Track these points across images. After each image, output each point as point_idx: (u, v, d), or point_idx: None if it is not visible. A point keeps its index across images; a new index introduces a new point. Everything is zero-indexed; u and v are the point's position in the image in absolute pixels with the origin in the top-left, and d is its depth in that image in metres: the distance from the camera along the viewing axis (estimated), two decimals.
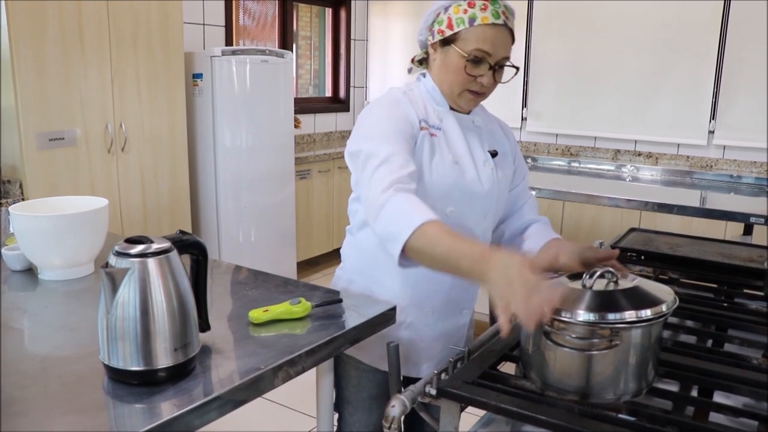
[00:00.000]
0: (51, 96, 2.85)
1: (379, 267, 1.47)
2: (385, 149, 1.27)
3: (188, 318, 1.02)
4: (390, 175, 1.23)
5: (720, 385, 1.07)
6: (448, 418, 1.04)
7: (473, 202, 1.42)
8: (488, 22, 1.32)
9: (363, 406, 1.54)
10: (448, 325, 1.52)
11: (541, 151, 5.01)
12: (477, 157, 1.44)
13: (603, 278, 1.04)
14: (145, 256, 0.98)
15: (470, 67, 1.35)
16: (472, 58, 1.34)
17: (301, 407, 2.81)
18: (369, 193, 1.26)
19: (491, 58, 1.35)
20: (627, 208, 3.43)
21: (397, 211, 1.19)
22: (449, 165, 1.38)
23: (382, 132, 1.32)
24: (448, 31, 1.36)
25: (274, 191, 4.06)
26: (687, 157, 4.49)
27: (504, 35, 1.35)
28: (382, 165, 1.25)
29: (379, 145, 1.29)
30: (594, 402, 0.99)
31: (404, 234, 1.15)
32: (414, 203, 1.20)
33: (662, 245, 1.90)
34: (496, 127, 1.55)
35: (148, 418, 0.92)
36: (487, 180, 1.43)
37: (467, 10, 1.34)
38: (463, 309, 1.53)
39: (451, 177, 1.38)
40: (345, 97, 5.64)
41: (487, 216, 1.47)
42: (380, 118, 1.35)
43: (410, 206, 1.19)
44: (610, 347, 0.96)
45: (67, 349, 1.17)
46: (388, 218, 1.20)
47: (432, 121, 1.41)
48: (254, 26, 4.87)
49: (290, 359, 1.12)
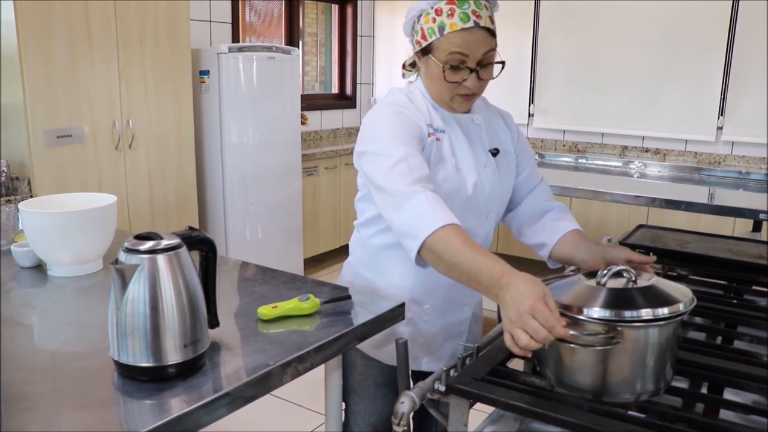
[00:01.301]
0: (59, 93, 2.86)
1: (382, 263, 1.49)
2: (401, 149, 1.27)
3: (198, 314, 1.03)
4: (411, 173, 1.23)
5: (730, 382, 1.06)
6: (457, 415, 1.04)
7: (475, 205, 1.43)
8: (457, 29, 1.29)
9: (368, 394, 1.56)
10: (449, 321, 1.53)
11: (548, 148, 5.00)
12: (479, 160, 1.43)
13: (621, 277, 1.04)
14: (154, 253, 0.98)
15: (450, 74, 1.33)
16: (449, 67, 1.33)
17: (308, 404, 2.81)
18: (390, 186, 1.24)
19: (469, 60, 1.32)
20: (634, 204, 3.41)
21: (422, 208, 1.18)
22: (452, 169, 1.38)
23: (393, 135, 1.30)
24: (423, 41, 1.35)
25: (281, 188, 4.07)
26: (695, 154, 4.47)
27: (477, 35, 1.31)
28: (400, 162, 1.25)
29: (394, 144, 1.28)
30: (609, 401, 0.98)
31: (425, 232, 1.15)
32: (438, 204, 1.19)
33: (671, 242, 1.89)
34: (496, 119, 1.54)
35: (158, 415, 0.92)
36: (488, 182, 1.43)
37: (435, 19, 1.31)
38: (464, 305, 1.54)
39: (453, 182, 1.38)
40: (351, 94, 5.63)
41: (489, 216, 1.48)
42: (391, 123, 1.34)
43: (434, 206, 1.18)
44: (611, 344, 0.95)
45: (76, 346, 1.18)
46: (411, 213, 1.19)
47: (436, 125, 1.40)
48: (261, 23, 4.87)
49: (299, 356, 1.12)
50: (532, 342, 0.95)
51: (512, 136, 1.54)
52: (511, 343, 0.98)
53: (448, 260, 1.13)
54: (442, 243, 1.14)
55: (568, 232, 1.47)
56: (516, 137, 1.55)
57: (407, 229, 1.19)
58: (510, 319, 0.98)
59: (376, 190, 1.31)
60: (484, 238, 1.49)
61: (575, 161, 4.74)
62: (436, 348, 1.53)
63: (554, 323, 0.94)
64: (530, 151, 1.59)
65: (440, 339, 1.53)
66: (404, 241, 1.20)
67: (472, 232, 1.41)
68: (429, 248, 1.15)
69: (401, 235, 1.21)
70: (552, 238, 1.48)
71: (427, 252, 1.16)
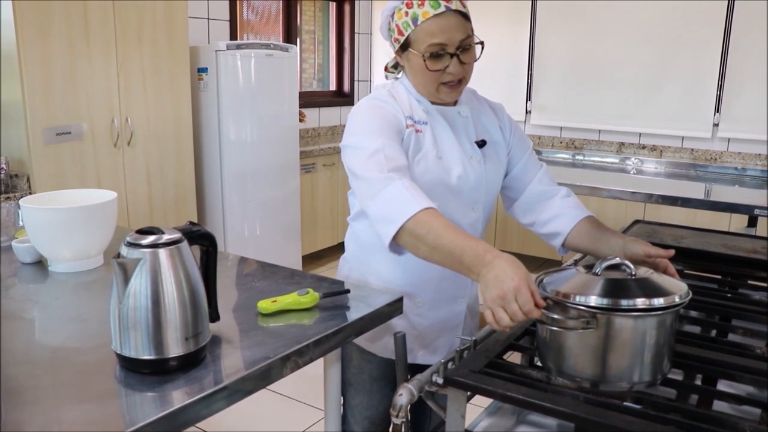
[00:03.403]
0: (57, 91, 2.87)
1: (373, 256, 1.50)
2: (378, 140, 1.30)
3: (199, 308, 1.04)
4: (387, 163, 1.26)
5: (724, 373, 1.08)
6: (455, 407, 1.05)
7: (459, 196, 1.44)
8: (430, 16, 1.32)
9: (364, 388, 1.57)
10: (442, 314, 1.54)
11: (546, 144, 5.01)
12: (464, 151, 1.44)
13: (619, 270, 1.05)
14: (156, 247, 0.99)
15: (431, 63, 1.35)
16: (429, 55, 1.34)
17: (308, 400, 2.83)
18: (367, 174, 1.27)
19: (448, 46, 1.33)
20: (631, 200, 3.44)
21: (400, 194, 1.21)
22: (432, 160, 1.39)
23: (371, 127, 1.34)
24: (400, 37, 1.38)
25: (279, 185, 4.08)
26: (691, 150, 4.49)
27: (452, 20, 1.32)
28: (377, 153, 1.28)
29: (371, 136, 1.31)
30: (604, 390, 1.00)
31: (404, 216, 1.17)
32: (415, 190, 1.22)
33: (666, 237, 1.91)
34: (486, 111, 1.54)
35: (160, 406, 0.93)
36: (473, 173, 1.44)
37: (408, 12, 1.34)
38: (458, 298, 1.55)
39: (435, 172, 1.39)
40: (349, 91, 5.64)
41: (475, 207, 1.48)
42: (369, 116, 1.37)
43: (412, 192, 1.21)
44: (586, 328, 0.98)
45: (77, 340, 1.19)
46: (387, 199, 1.22)
47: (418, 117, 1.41)
48: (258, 21, 4.87)
49: (298, 349, 1.13)
50: (510, 322, 1.01)
51: (502, 126, 1.54)
52: (491, 320, 1.03)
53: (431, 242, 1.15)
54: (423, 226, 1.16)
55: (582, 220, 1.46)
56: (508, 128, 1.55)
57: (385, 214, 1.21)
58: (491, 298, 1.02)
59: (354, 179, 1.33)
60: (471, 230, 1.49)
61: (572, 158, 4.76)
62: (430, 341, 1.54)
63: (532, 307, 0.99)
64: (526, 140, 1.58)
65: (434, 332, 1.54)
66: (380, 227, 1.22)
67: (457, 223, 1.41)
68: (410, 232, 1.17)
69: (378, 221, 1.23)
70: (566, 227, 1.47)
71: (407, 236, 1.18)
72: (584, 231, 1.45)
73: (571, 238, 1.47)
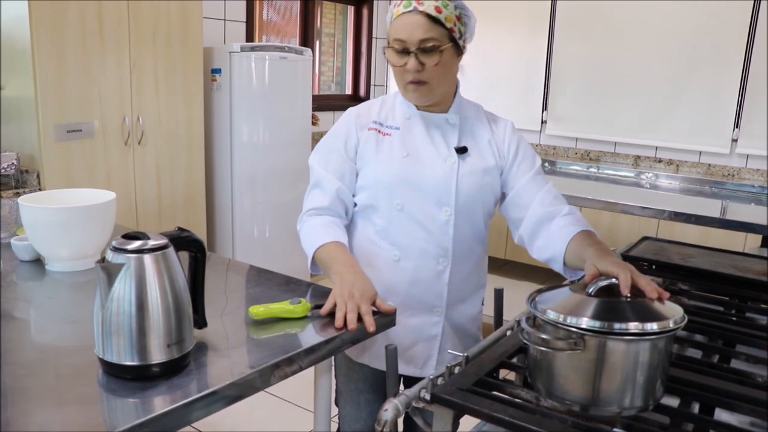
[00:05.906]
0: (70, 88, 2.88)
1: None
2: (318, 172, 1.52)
3: (183, 315, 1.03)
4: (313, 202, 1.52)
5: (721, 402, 1.04)
6: (441, 425, 1.03)
7: (424, 195, 1.46)
8: (399, 13, 1.39)
9: (352, 398, 1.58)
10: (416, 322, 1.52)
11: (560, 155, 4.97)
12: (439, 153, 1.47)
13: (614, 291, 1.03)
14: (141, 252, 0.98)
15: (394, 58, 1.41)
16: (392, 49, 1.41)
17: (306, 404, 2.81)
18: (307, 201, 1.55)
19: (408, 44, 1.38)
20: (643, 216, 3.38)
21: (309, 232, 1.49)
22: (397, 159, 1.47)
23: (323, 154, 1.54)
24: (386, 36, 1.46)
25: (290, 188, 4.07)
26: (708, 166, 4.42)
27: (414, 19, 1.37)
28: (313, 188, 1.54)
29: (318, 167, 1.53)
30: (594, 414, 0.97)
31: (311, 250, 1.46)
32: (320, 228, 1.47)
33: (674, 255, 1.87)
34: (483, 127, 1.53)
35: (141, 413, 0.93)
36: (442, 174, 1.46)
37: (392, 12, 1.43)
38: (434, 307, 1.53)
39: (398, 170, 1.46)
40: (365, 95, 5.63)
41: (443, 209, 1.46)
42: (328, 139, 1.55)
43: (317, 230, 1.47)
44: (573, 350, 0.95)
45: (66, 341, 1.18)
46: (303, 235, 1.51)
47: (390, 122, 1.51)
48: (277, 22, 4.88)
49: (286, 358, 1.12)
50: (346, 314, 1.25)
51: (498, 141, 1.53)
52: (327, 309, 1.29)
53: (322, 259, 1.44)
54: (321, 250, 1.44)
55: (574, 237, 1.35)
56: (510, 144, 1.53)
57: (304, 247, 1.50)
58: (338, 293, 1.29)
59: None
60: (441, 233, 1.48)
61: (587, 170, 4.71)
62: (404, 350, 1.51)
63: (353, 317, 1.24)
64: (531, 160, 1.54)
65: (408, 341, 1.52)
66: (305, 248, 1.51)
67: (421, 224, 1.48)
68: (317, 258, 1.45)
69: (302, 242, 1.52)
70: (559, 250, 1.37)
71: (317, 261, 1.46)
72: (576, 248, 1.34)
73: (567, 259, 1.37)
